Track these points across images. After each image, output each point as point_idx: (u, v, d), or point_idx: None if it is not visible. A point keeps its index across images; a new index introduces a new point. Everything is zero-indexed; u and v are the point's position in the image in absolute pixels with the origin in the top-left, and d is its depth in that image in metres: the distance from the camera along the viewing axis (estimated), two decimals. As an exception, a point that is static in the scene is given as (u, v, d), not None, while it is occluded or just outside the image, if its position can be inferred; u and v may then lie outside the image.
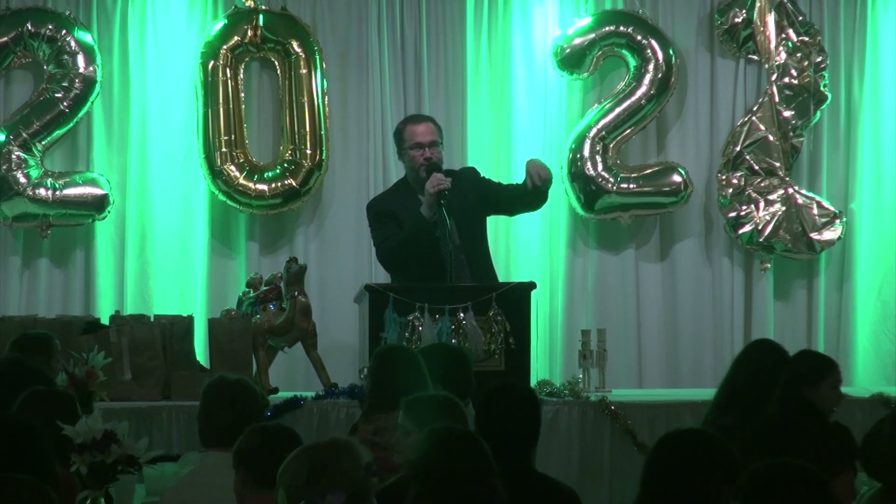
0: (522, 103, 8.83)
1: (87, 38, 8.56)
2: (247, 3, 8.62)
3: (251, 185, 8.52)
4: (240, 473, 4.18)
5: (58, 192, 8.46)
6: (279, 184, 8.54)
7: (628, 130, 8.74)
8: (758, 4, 8.79)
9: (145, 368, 7.17)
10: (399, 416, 4.76)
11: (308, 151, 8.55)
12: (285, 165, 8.56)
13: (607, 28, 8.75)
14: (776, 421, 5.39)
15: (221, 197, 8.57)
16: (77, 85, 8.50)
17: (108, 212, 8.54)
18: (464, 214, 7.16)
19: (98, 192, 8.51)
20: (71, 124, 8.56)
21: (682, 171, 8.75)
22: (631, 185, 8.69)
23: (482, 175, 7.47)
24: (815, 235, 8.73)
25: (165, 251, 8.64)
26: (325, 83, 8.60)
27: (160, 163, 8.66)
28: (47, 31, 8.52)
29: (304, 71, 8.56)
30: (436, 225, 7.07)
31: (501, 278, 8.02)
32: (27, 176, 8.47)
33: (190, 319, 7.41)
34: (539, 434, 4.72)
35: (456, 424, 4.19)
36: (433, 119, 7.49)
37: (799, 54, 8.78)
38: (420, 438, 4.01)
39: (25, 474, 3.51)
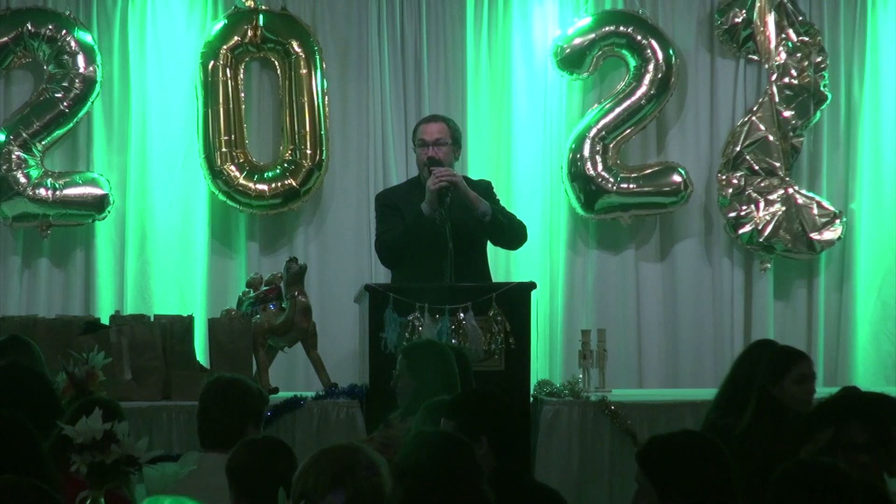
0: (522, 103, 8.82)
1: (87, 38, 8.56)
2: (247, 3, 8.61)
3: (251, 185, 8.52)
4: (232, 489, 4.11)
5: (58, 192, 8.45)
6: (279, 184, 8.54)
7: (628, 130, 8.73)
8: (758, 4, 8.79)
9: (145, 368, 7.17)
10: (415, 419, 4.76)
11: (308, 151, 8.54)
12: (285, 165, 8.56)
13: (607, 28, 8.75)
14: (743, 427, 5.13)
15: (221, 197, 8.57)
16: (77, 85, 8.50)
17: (108, 212, 8.54)
18: (465, 217, 7.15)
19: (98, 192, 8.50)
20: (71, 124, 8.56)
21: (682, 171, 8.74)
22: (631, 185, 8.69)
23: (494, 192, 7.49)
24: (815, 235, 8.72)
25: (165, 251, 8.64)
26: (325, 83, 8.60)
27: (160, 163, 8.66)
28: (47, 31, 8.51)
29: (304, 71, 8.56)
30: (434, 222, 7.07)
31: (501, 278, 8.03)
32: (27, 176, 8.46)
33: (190, 319, 7.40)
34: (514, 436, 4.68)
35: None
36: (449, 120, 7.48)
37: (799, 54, 8.78)
38: (408, 441, 4.01)
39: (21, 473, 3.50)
